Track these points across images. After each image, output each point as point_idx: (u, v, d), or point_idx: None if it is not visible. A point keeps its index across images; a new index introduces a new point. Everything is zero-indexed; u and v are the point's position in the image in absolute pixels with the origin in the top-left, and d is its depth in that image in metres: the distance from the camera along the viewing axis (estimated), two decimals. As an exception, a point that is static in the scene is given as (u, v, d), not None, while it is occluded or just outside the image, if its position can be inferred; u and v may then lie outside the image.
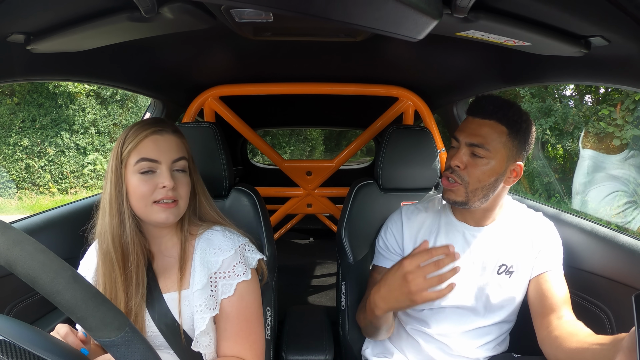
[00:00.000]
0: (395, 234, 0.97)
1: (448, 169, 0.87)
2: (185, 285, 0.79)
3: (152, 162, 0.75)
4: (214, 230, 0.83)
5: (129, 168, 0.75)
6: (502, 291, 0.90)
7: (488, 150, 0.82)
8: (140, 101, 7.56)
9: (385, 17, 0.50)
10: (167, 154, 0.76)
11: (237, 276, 0.80)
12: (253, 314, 0.82)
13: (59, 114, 6.84)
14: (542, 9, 0.58)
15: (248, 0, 0.48)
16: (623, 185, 4.77)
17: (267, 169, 3.27)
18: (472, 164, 0.83)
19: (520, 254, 0.90)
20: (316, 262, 2.84)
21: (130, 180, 0.75)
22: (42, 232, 1.06)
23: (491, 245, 0.91)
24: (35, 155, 6.78)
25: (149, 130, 0.76)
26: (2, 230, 0.37)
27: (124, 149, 0.75)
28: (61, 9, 0.66)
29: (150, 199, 0.75)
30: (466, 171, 0.84)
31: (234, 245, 0.81)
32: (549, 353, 0.78)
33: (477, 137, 0.82)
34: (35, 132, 6.75)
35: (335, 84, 1.54)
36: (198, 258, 0.80)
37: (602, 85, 5.36)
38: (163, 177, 0.75)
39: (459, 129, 0.87)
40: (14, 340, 0.37)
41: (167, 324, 0.78)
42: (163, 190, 0.75)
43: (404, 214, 0.98)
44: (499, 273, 0.90)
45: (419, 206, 1.00)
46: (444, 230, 0.94)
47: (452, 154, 0.86)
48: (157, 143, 0.76)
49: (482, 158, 0.82)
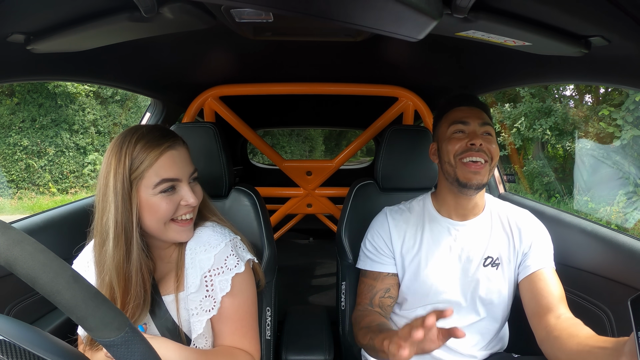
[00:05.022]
0: (383, 236, 0.98)
1: (468, 150, 0.87)
2: (181, 287, 0.78)
3: (174, 181, 0.71)
4: (204, 227, 0.81)
5: (143, 190, 0.69)
6: (490, 284, 0.91)
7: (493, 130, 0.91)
8: (140, 101, 7.56)
9: (385, 17, 0.50)
10: (185, 169, 0.73)
11: (230, 270, 0.77)
12: (249, 309, 0.81)
13: (59, 114, 6.84)
14: (542, 9, 0.58)
15: (248, 0, 0.48)
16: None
17: (267, 169, 3.27)
18: (487, 140, 0.88)
19: (505, 247, 0.92)
20: (316, 262, 2.84)
21: (148, 201, 0.70)
22: (42, 232, 1.06)
23: (476, 239, 0.92)
24: (35, 155, 6.78)
25: (163, 146, 0.70)
26: (2, 230, 0.37)
27: (135, 168, 0.68)
28: (61, 9, 0.66)
29: (170, 217, 0.72)
30: (486, 148, 0.87)
31: (224, 239, 0.78)
32: (549, 353, 0.78)
33: (485, 119, 0.90)
34: (35, 132, 6.75)
35: (335, 84, 1.54)
36: (189, 259, 0.77)
37: (602, 85, 5.36)
38: (186, 195, 0.72)
39: (460, 116, 0.91)
40: (14, 340, 0.37)
41: (168, 328, 0.77)
42: (186, 207, 0.73)
43: (389, 214, 0.99)
44: (485, 265, 0.91)
45: (401, 206, 1.02)
46: (429, 227, 0.95)
47: (461, 138, 0.88)
48: (174, 159, 0.71)
49: (492, 135, 0.90)
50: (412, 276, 0.94)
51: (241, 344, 0.78)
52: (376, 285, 0.96)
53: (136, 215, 0.70)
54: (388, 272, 0.96)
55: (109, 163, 0.70)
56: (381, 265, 0.97)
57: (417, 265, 0.93)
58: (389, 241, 0.97)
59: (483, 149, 0.86)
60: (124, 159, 0.68)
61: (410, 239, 0.95)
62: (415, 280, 0.93)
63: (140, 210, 0.70)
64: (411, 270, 0.94)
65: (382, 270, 0.96)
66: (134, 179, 0.69)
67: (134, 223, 0.69)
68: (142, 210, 0.70)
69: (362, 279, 1.00)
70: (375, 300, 0.95)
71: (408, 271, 0.94)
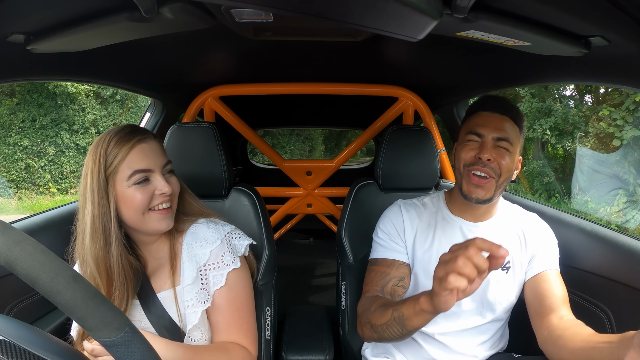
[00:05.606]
0: (396, 225, 0.95)
1: (476, 163, 0.84)
2: (177, 282, 0.79)
3: (146, 172, 0.74)
4: (199, 224, 0.83)
5: (118, 183, 0.73)
6: (499, 287, 0.90)
7: (511, 144, 0.85)
8: (140, 101, 7.56)
9: (385, 17, 0.50)
10: (157, 160, 0.76)
11: (227, 265, 0.80)
12: (244, 302, 0.82)
13: (59, 114, 6.84)
14: (542, 9, 0.58)
15: (248, 0, 0.48)
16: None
17: (267, 169, 3.27)
18: (500, 155, 0.83)
19: (516, 251, 0.91)
20: (316, 262, 2.84)
21: (123, 194, 0.73)
22: (42, 232, 1.06)
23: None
24: (35, 155, 6.78)
25: (133, 140, 0.74)
26: (2, 230, 0.37)
27: (109, 165, 0.72)
28: (61, 9, 0.66)
29: (146, 207, 0.74)
30: (496, 163, 0.83)
31: (219, 235, 0.81)
32: (552, 352, 0.78)
33: (502, 131, 0.84)
34: (35, 132, 6.75)
35: (335, 84, 1.54)
36: (185, 253, 0.80)
37: (602, 85, 5.36)
38: (160, 184, 0.75)
39: (476, 124, 0.86)
40: (14, 340, 0.37)
41: (166, 327, 0.78)
42: (160, 196, 0.75)
43: (403, 207, 0.97)
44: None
45: (415, 201, 0.99)
46: (441, 226, 0.93)
47: (473, 147, 0.85)
48: (145, 152, 0.75)
49: (507, 150, 0.84)
50: (422, 271, 0.91)
51: (237, 336, 0.80)
52: (390, 272, 0.91)
53: (114, 208, 0.73)
54: (403, 261, 0.92)
55: (87, 164, 0.74)
56: (395, 253, 0.93)
57: (427, 261, 0.91)
58: (401, 231, 0.94)
59: (491, 164, 0.83)
60: (98, 158, 0.72)
61: (422, 234, 0.93)
62: (424, 275, 0.91)
63: (118, 204, 0.74)
64: (422, 266, 0.91)
65: (397, 258, 0.92)
66: (109, 174, 0.73)
67: (112, 216, 0.72)
68: (120, 203, 0.74)
69: (372, 267, 0.95)
70: (388, 287, 0.90)
71: (419, 266, 0.92)
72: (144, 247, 0.82)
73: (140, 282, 0.78)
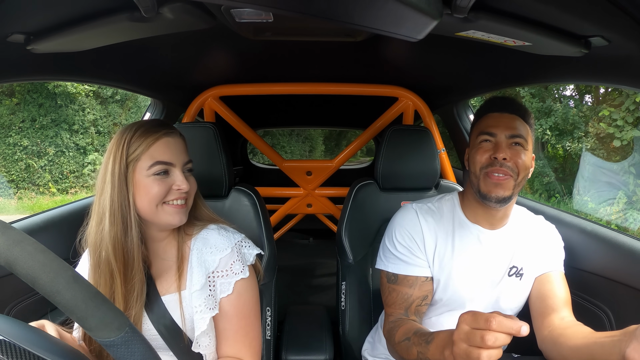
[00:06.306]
0: (414, 236, 0.90)
1: (492, 164, 0.83)
2: (182, 286, 0.79)
3: (167, 165, 0.75)
4: (210, 230, 0.83)
5: (138, 171, 0.73)
6: (512, 293, 0.89)
7: (526, 141, 0.84)
8: (140, 101, 7.56)
9: (385, 17, 0.50)
10: (180, 156, 0.77)
11: (235, 274, 0.80)
12: (251, 311, 0.82)
13: (59, 114, 6.84)
14: (542, 9, 0.58)
15: (248, 0, 0.48)
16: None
17: (267, 169, 3.27)
18: (515, 154, 0.82)
19: (528, 257, 0.90)
20: (316, 262, 2.84)
21: (141, 183, 0.73)
22: (42, 232, 1.07)
23: (503, 248, 0.90)
24: (35, 155, 6.78)
25: (160, 132, 0.75)
26: (2, 230, 0.37)
27: (131, 152, 0.73)
28: (61, 9, 0.66)
29: (161, 199, 0.75)
30: (512, 162, 0.82)
31: (230, 244, 0.81)
32: (552, 350, 0.78)
33: (514, 129, 0.84)
34: (35, 132, 6.75)
35: (335, 84, 1.54)
36: (195, 258, 0.79)
37: (602, 85, 5.36)
38: (178, 180, 0.75)
39: (488, 125, 0.85)
40: (14, 340, 0.37)
41: (166, 325, 0.78)
42: (177, 191, 0.76)
43: (419, 213, 0.92)
44: (509, 275, 0.89)
45: (430, 206, 0.95)
46: (459, 233, 0.91)
47: (488, 149, 0.84)
48: (169, 145, 0.75)
49: (522, 147, 0.84)
50: (444, 284, 0.89)
51: (242, 344, 0.80)
52: (413, 292, 0.88)
53: (132, 194, 0.73)
54: (425, 277, 0.89)
55: (110, 150, 0.75)
56: (417, 268, 0.89)
57: (448, 273, 0.89)
58: (421, 243, 0.90)
59: (507, 164, 0.82)
60: (122, 145, 0.73)
61: (442, 244, 0.90)
62: (446, 288, 0.89)
63: (134, 191, 0.74)
64: (443, 278, 0.89)
65: (419, 274, 0.88)
66: (131, 161, 0.73)
67: (130, 202, 0.73)
68: (136, 191, 0.74)
69: (392, 286, 0.90)
70: (412, 309, 0.88)
71: (440, 277, 0.89)
72: (152, 245, 0.81)
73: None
